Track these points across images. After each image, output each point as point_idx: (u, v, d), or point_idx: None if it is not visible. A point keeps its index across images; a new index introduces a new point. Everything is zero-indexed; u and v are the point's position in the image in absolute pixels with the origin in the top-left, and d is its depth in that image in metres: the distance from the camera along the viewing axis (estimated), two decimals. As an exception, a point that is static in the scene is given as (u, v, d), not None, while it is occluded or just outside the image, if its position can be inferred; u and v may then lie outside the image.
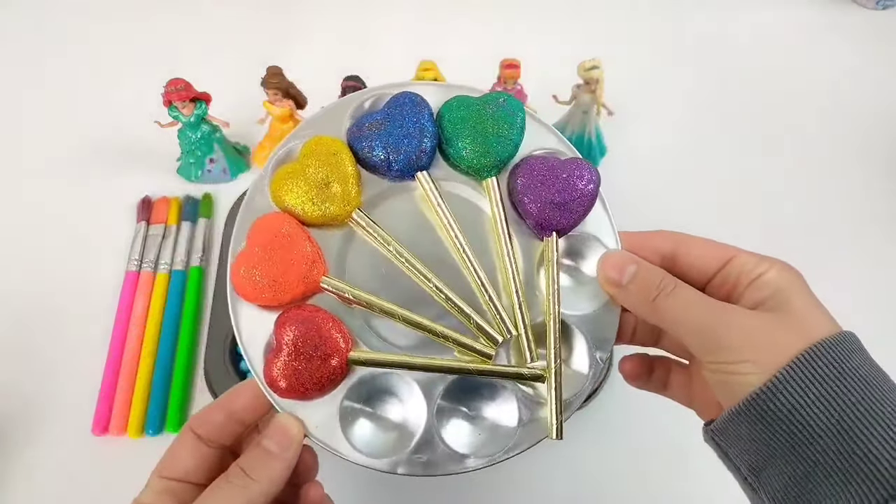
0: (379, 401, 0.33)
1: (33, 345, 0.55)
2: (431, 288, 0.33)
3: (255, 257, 0.33)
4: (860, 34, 0.77)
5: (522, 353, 0.33)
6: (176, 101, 0.56)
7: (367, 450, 0.32)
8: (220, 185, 0.63)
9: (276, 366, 0.31)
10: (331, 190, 0.34)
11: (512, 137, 0.35)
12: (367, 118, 0.35)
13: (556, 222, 0.34)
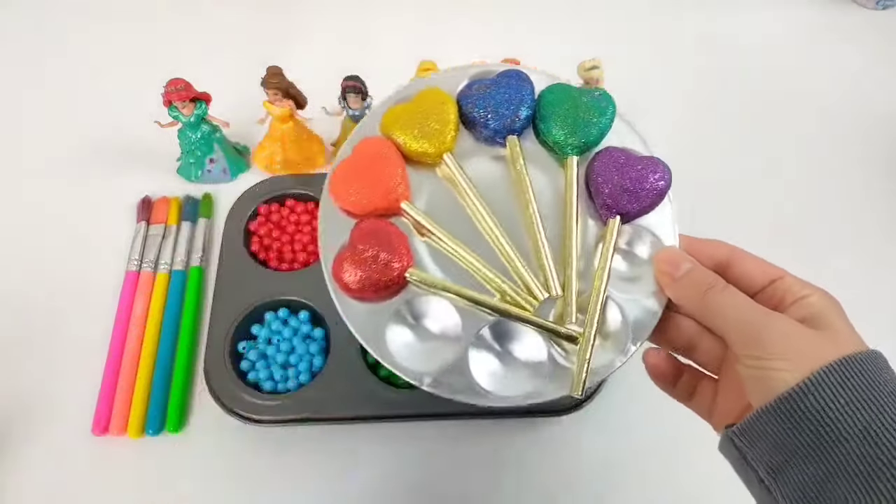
0: (423, 321, 0.37)
1: (33, 345, 0.55)
2: (495, 238, 0.37)
3: (354, 165, 0.38)
4: (860, 34, 0.77)
5: (564, 314, 0.36)
6: (176, 101, 0.56)
7: (401, 357, 0.35)
8: (220, 185, 0.63)
9: (345, 260, 0.36)
10: (430, 129, 0.38)
11: (599, 125, 0.39)
12: (478, 82, 0.40)
13: (622, 207, 0.37)
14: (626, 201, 0.37)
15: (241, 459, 0.51)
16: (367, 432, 0.52)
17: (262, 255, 0.58)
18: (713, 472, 0.51)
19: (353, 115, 0.58)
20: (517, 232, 0.37)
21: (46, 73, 0.73)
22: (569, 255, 0.37)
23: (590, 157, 0.39)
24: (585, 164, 0.39)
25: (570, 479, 0.50)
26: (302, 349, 0.53)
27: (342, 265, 0.36)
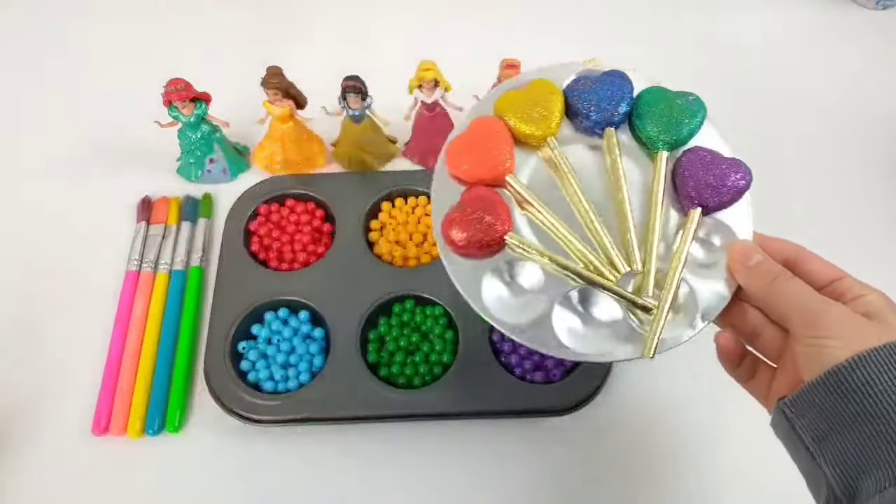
0: (516, 279, 0.41)
1: (33, 345, 0.55)
2: (586, 215, 0.41)
3: (469, 139, 0.43)
4: (860, 34, 0.77)
5: (643, 287, 0.40)
6: (176, 101, 0.56)
7: (493, 308, 0.40)
8: (220, 185, 0.63)
9: (453, 220, 0.40)
10: (538, 115, 0.43)
11: (690, 126, 0.43)
12: (585, 78, 0.45)
13: (704, 200, 0.41)
14: (708, 195, 0.41)
15: (241, 459, 0.51)
16: (366, 432, 0.52)
17: (262, 255, 0.58)
18: (713, 472, 0.51)
19: (352, 115, 0.58)
20: (605, 213, 0.42)
21: (46, 73, 0.73)
22: (651, 237, 0.41)
23: (678, 154, 0.43)
24: (673, 160, 0.43)
25: (570, 479, 0.51)
26: (302, 349, 0.53)
27: (451, 224, 0.40)
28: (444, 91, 0.58)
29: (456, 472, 0.51)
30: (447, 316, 0.54)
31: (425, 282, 0.55)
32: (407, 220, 0.60)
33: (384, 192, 0.60)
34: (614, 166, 0.43)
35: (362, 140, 0.61)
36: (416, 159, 0.65)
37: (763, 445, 0.52)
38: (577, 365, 0.52)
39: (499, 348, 0.53)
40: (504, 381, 0.51)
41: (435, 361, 0.52)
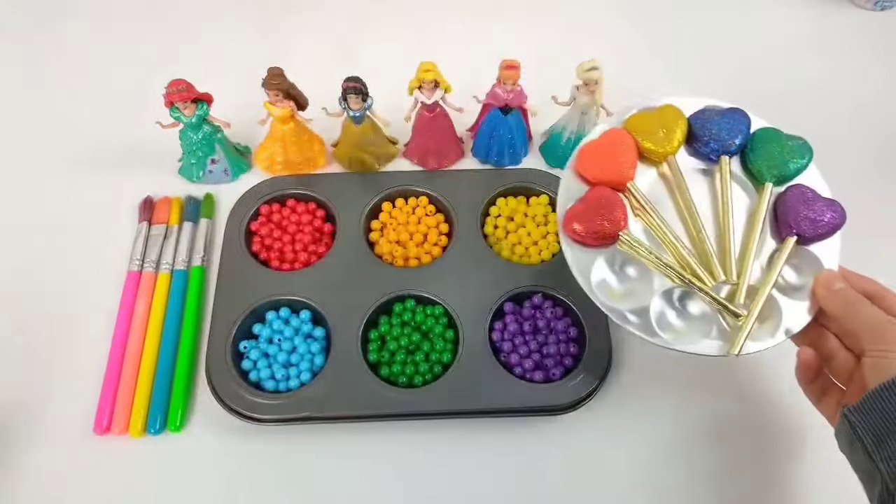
0: (623, 270, 0.48)
1: (35, 345, 0.55)
2: (692, 227, 0.48)
3: (600, 146, 0.50)
4: (858, 35, 0.77)
5: (735, 296, 0.46)
6: (177, 101, 0.57)
7: (602, 295, 0.47)
8: (221, 185, 0.64)
9: (577, 211, 0.48)
10: (662, 136, 0.50)
11: (797, 166, 0.49)
12: (710, 109, 0.52)
13: (801, 230, 0.47)
14: (805, 226, 0.47)
15: (242, 458, 0.51)
16: (367, 431, 0.52)
17: (263, 255, 0.58)
18: (712, 471, 0.51)
19: (353, 115, 0.59)
20: (708, 228, 0.48)
21: (48, 73, 0.73)
22: (749, 254, 0.47)
23: (782, 188, 0.49)
24: (777, 193, 0.49)
25: (570, 479, 0.51)
26: (303, 349, 0.53)
27: (574, 216, 0.47)
28: (444, 92, 0.58)
29: (456, 470, 0.51)
30: (447, 315, 0.54)
31: (426, 281, 0.56)
32: (407, 220, 0.60)
33: (385, 193, 0.61)
34: (724, 189, 0.49)
35: (363, 141, 0.61)
36: (416, 160, 0.65)
37: (762, 445, 0.52)
38: (577, 364, 0.52)
39: (499, 348, 0.53)
40: (504, 380, 0.51)
41: (435, 361, 0.53)
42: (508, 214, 0.60)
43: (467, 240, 0.58)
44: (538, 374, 0.52)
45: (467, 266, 0.57)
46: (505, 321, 0.54)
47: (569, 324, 0.54)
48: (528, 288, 0.55)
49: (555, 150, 0.64)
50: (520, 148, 0.64)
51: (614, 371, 0.54)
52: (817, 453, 0.51)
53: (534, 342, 0.53)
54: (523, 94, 0.59)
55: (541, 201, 0.61)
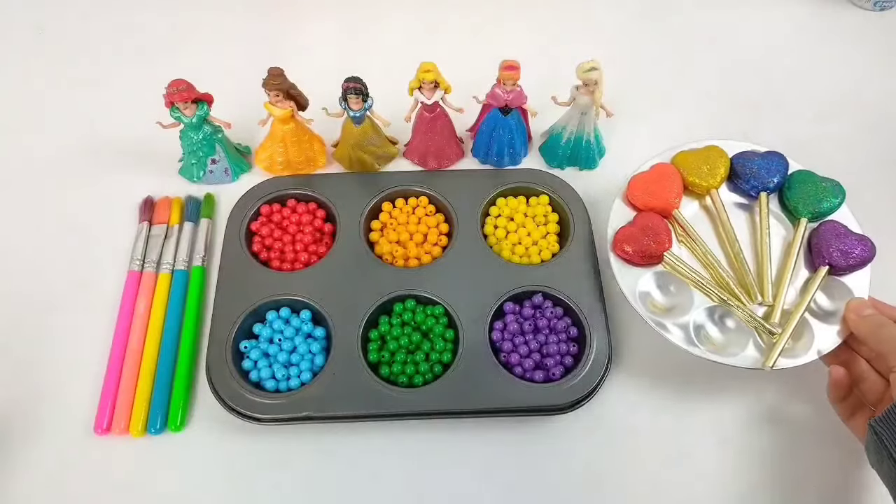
0: (667, 287, 0.54)
1: (36, 344, 0.55)
2: (732, 253, 0.54)
3: (650, 177, 0.57)
4: (858, 35, 0.77)
5: (771, 315, 0.51)
6: (178, 101, 0.57)
7: (642, 304, 0.51)
8: (222, 185, 0.64)
9: (626, 231, 0.54)
10: (706, 171, 0.57)
11: (831, 204, 0.55)
12: (751, 151, 0.58)
13: (834, 261, 0.52)
14: (837, 258, 0.52)
15: (242, 458, 0.51)
16: (368, 431, 0.52)
17: (263, 255, 0.58)
18: (711, 470, 0.51)
19: (353, 116, 0.59)
20: (746, 255, 0.54)
21: (47, 72, 0.73)
22: (784, 279, 0.53)
23: (816, 224, 0.55)
24: (811, 228, 0.55)
25: (569, 478, 0.51)
26: (303, 348, 0.53)
27: (624, 237, 0.53)
28: (444, 92, 0.58)
29: (457, 469, 0.51)
30: (448, 315, 0.54)
31: (426, 281, 0.56)
32: (408, 220, 0.60)
33: (385, 193, 0.61)
34: (763, 221, 0.55)
35: (363, 141, 0.61)
36: (416, 160, 0.65)
37: (762, 445, 0.52)
38: (577, 364, 0.52)
39: (499, 347, 0.53)
40: (504, 379, 0.51)
41: (435, 361, 0.53)
42: (508, 214, 0.60)
43: (467, 240, 0.58)
44: (538, 373, 0.52)
45: (467, 266, 0.57)
46: (505, 321, 0.54)
47: (569, 323, 0.55)
48: (528, 288, 0.55)
49: (555, 150, 0.65)
50: (520, 148, 0.64)
51: (614, 371, 0.54)
52: (812, 452, 0.51)
53: (534, 342, 0.53)
54: (523, 95, 0.59)
55: (541, 201, 0.61)
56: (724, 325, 0.52)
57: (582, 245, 0.58)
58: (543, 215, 0.60)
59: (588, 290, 0.55)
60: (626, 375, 0.55)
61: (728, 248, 0.55)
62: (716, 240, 0.56)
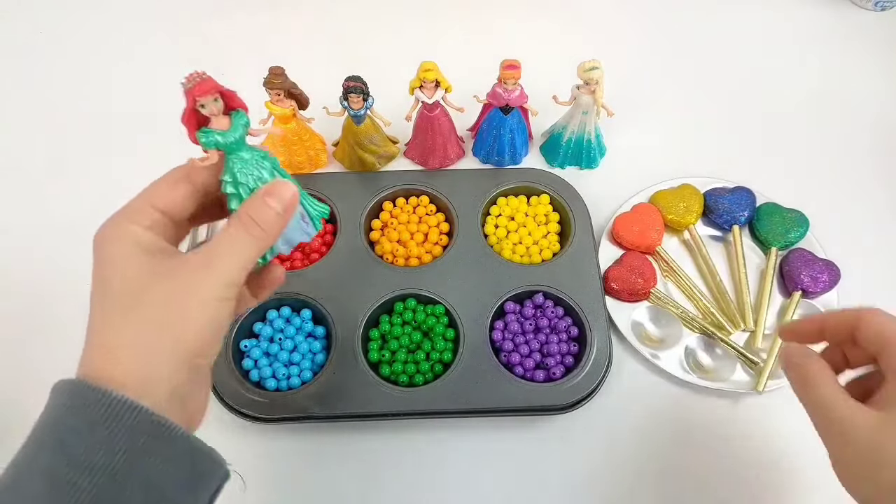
0: (657, 320, 0.57)
1: (36, 344, 0.55)
2: (713, 284, 0.58)
3: (632, 217, 0.60)
4: (858, 35, 0.77)
5: (753, 341, 0.55)
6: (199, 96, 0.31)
7: (633, 337, 0.55)
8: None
9: (615, 271, 0.57)
10: (682, 208, 0.61)
11: (796, 234, 0.59)
12: (721, 188, 0.62)
13: (805, 286, 0.56)
14: (808, 283, 0.56)
15: (242, 457, 0.51)
16: (368, 430, 0.52)
17: (264, 255, 0.58)
18: (710, 470, 0.51)
19: (354, 115, 0.59)
20: (725, 284, 0.58)
21: (48, 71, 0.73)
22: (762, 307, 0.56)
23: (786, 251, 0.59)
24: (781, 256, 0.59)
25: (569, 477, 0.51)
26: (304, 347, 0.53)
27: (613, 276, 0.57)
28: (444, 91, 0.58)
29: (457, 469, 0.51)
30: (448, 315, 0.54)
31: (427, 281, 0.56)
32: (408, 219, 0.60)
33: (385, 192, 0.61)
34: (738, 253, 0.59)
35: (363, 140, 0.61)
36: (416, 159, 0.65)
37: (762, 445, 0.53)
38: (578, 364, 0.52)
39: (500, 347, 0.53)
40: (505, 379, 0.51)
41: (436, 360, 0.53)
42: (509, 214, 0.60)
43: (468, 239, 0.58)
44: (539, 373, 0.52)
45: (468, 265, 0.57)
46: (506, 320, 0.54)
47: (570, 323, 0.55)
48: (528, 287, 0.55)
49: (555, 149, 0.65)
50: (520, 148, 0.64)
51: (615, 370, 0.54)
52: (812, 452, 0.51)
53: (535, 341, 0.53)
54: (524, 94, 0.59)
55: (541, 201, 0.61)
56: (715, 351, 0.55)
57: (583, 245, 0.58)
58: (544, 215, 0.60)
59: (589, 290, 0.55)
60: (626, 375, 0.55)
61: (710, 280, 0.58)
62: (697, 272, 0.60)
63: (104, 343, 0.32)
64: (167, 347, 0.31)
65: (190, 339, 0.31)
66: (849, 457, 0.34)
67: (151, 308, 0.31)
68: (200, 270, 0.32)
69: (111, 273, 0.32)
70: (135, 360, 0.31)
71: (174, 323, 0.31)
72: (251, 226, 0.33)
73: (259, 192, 0.35)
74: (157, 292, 0.31)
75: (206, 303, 0.32)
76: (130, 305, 0.31)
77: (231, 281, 0.33)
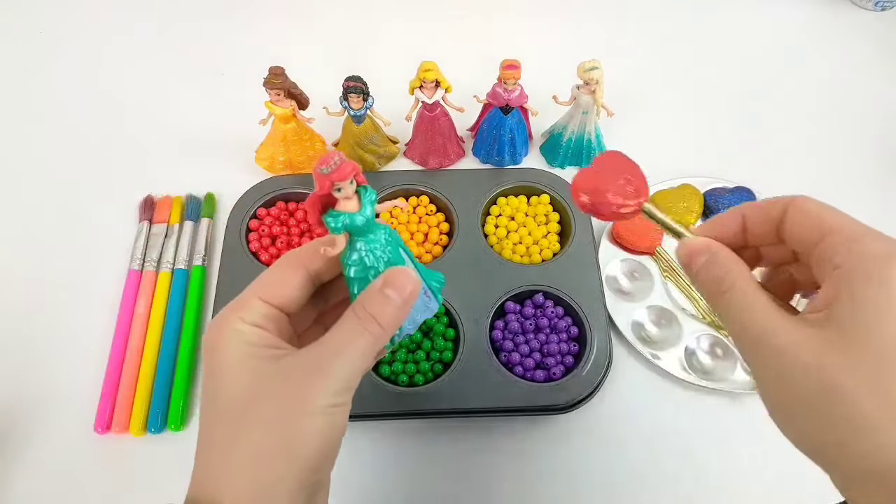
0: (658, 321, 0.57)
1: (36, 343, 0.55)
2: None
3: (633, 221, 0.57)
4: (859, 35, 0.77)
5: None
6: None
7: (641, 340, 0.55)
8: (223, 186, 0.64)
9: (587, 173, 0.34)
10: (683, 207, 0.61)
11: None
12: (721, 188, 0.62)
13: None
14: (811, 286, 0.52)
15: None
16: (367, 430, 0.52)
17: (263, 255, 0.58)
18: (711, 470, 0.51)
19: (354, 115, 0.59)
20: None
21: (47, 70, 0.73)
22: None
23: None
24: None
25: (570, 477, 0.51)
26: (304, 348, 0.53)
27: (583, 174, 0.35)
28: (444, 91, 0.58)
29: (457, 469, 0.51)
30: (448, 314, 0.54)
31: (426, 281, 0.56)
32: (409, 219, 0.60)
33: (385, 192, 0.61)
34: None
35: (363, 140, 0.61)
36: (416, 159, 0.65)
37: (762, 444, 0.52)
38: (578, 363, 0.52)
39: (500, 347, 0.53)
40: (505, 379, 0.51)
41: (436, 359, 0.53)
42: (509, 214, 0.60)
43: (468, 239, 0.58)
44: (539, 373, 0.52)
45: (468, 265, 0.57)
46: (506, 320, 0.54)
47: (570, 323, 0.54)
48: (528, 287, 0.55)
49: (555, 149, 0.65)
50: (520, 147, 0.64)
51: (615, 370, 0.54)
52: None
53: (535, 341, 0.53)
54: (524, 94, 0.59)
55: (542, 201, 0.61)
56: (715, 353, 0.55)
57: (583, 244, 0.58)
58: (544, 215, 0.60)
59: (589, 290, 0.55)
60: (627, 374, 0.55)
61: None
62: None
63: (213, 464, 0.30)
64: (281, 472, 0.28)
65: (303, 456, 0.28)
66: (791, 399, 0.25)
67: (262, 427, 0.28)
68: (313, 375, 0.29)
69: (219, 384, 0.30)
70: (246, 488, 0.28)
71: (287, 442, 0.28)
72: (368, 321, 0.30)
73: (377, 283, 0.31)
74: (266, 407, 0.29)
75: (321, 414, 0.29)
76: (239, 424, 0.29)
77: (346, 386, 0.30)
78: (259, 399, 0.29)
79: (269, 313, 0.31)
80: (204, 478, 0.30)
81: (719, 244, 0.30)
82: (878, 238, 0.26)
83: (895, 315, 0.24)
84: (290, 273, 0.32)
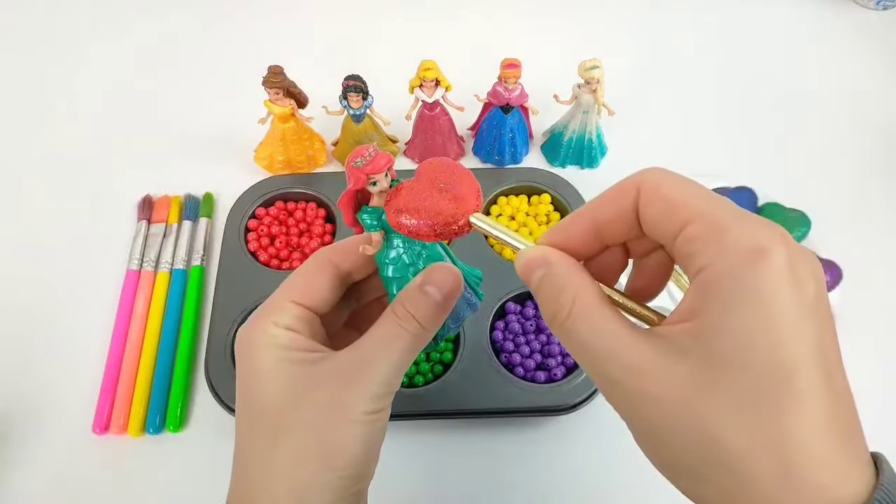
0: None
1: (34, 344, 0.55)
2: None
3: None
4: (860, 34, 0.77)
5: None
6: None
7: None
8: (222, 186, 0.63)
9: (402, 192, 0.29)
10: None
11: (798, 234, 0.57)
12: (722, 188, 0.59)
13: None
14: None
15: (241, 459, 0.51)
16: (368, 431, 0.52)
17: (262, 255, 0.58)
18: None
19: (353, 114, 0.58)
20: None
21: (45, 69, 0.73)
22: None
23: None
24: None
25: (571, 478, 0.50)
26: (303, 348, 0.53)
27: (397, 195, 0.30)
28: (444, 90, 0.58)
29: (457, 470, 0.51)
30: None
31: (426, 281, 0.55)
32: (408, 219, 0.60)
33: (385, 192, 0.60)
34: None
35: (363, 139, 0.61)
36: (416, 159, 0.65)
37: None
38: (579, 365, 0.52)
39: (500, 348, 0.53)
40: (506, 379, 0.51)
41: (436, 360, 0.52)
42: (510, 213, 0.60)
43: (468, 239, 0.58)
44: (540, 374, 0.52)
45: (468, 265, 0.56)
46: (507, 321, 0.54)
47: (570, 323, 0.54)
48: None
49: (556, 149, 0.64)
50: (521, 147, 0.63)
51: (616, 371, 0.53)
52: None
53: (536, 342, 0.53)
54: (524, 93, 0.59)
55: (542, 200, 0.60)
56: None
57: (584, 244, 0.57)
58: (545, 214, 0.60)
59: (590, 290, 0.55)
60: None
61: None
62: None
63: (252, 473, 0.29)
64: (322, 482, 0.27)
65: (343, 466, 0.28)
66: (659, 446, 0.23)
67: (301, 435, 0.27)
68: (351, 380, 0.28)
69: (255, 391, 0.29)
70: (286, 497, 0.27)
71: (327, 451, 0.27)
72: (408, 320, 0.29)
73: (416, 280, 0.30)
74: (305, 415, 0.28)
75: (360, 421, 0.28)
76: (277, 432, 0.28)
77: (385, 390, 0.28)
78: (297, 406, 0.28)
79: (302, 315, 0.30)
80: (243, 487, 0.29)
81: (559, 253, 0.25)
82: (749, 225, 0.20)
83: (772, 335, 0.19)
84: (321, 274, 0.31)
